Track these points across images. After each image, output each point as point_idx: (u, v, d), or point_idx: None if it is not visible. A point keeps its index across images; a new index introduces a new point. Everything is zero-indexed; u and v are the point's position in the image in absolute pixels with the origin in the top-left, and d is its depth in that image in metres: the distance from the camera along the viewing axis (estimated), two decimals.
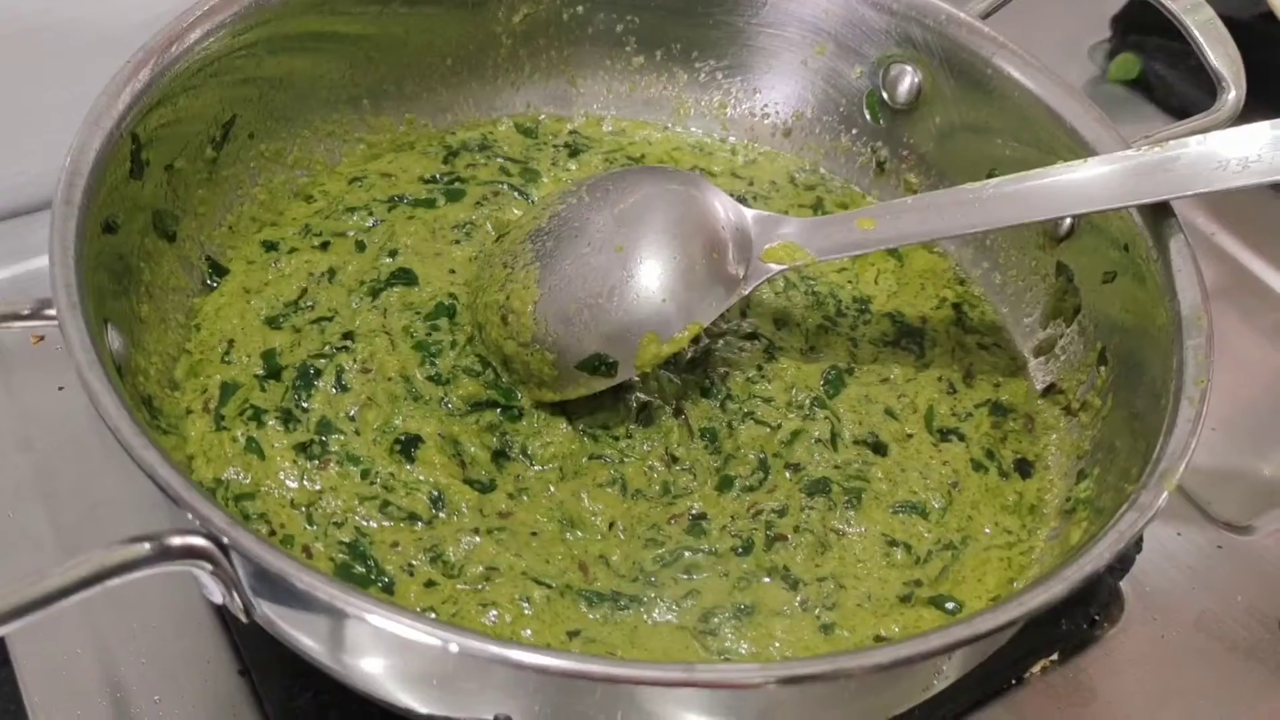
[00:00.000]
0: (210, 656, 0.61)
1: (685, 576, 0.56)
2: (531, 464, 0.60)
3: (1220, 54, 0.68)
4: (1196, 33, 0.69)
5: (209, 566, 0.44)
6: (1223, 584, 0.72)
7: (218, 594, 0.46)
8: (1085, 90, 1.04)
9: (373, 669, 0.48)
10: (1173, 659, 0.67)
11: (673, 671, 0.43)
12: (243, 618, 0.47)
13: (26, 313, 0.50)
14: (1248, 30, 1.00)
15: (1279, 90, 0.98)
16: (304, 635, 0.47)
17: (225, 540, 0.43)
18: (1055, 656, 0.66)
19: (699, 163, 0.78)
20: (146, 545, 0.43)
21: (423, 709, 0.49)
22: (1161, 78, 1.04)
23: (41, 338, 0.74)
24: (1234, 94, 0.67)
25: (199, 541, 0.44)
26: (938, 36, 0.71)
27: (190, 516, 0.43)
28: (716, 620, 0.55)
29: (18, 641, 0.61)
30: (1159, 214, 0.60)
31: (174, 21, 0.60)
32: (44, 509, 0.67)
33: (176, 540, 0.43)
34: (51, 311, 0.49)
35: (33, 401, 0.71)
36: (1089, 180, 0.60)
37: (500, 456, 0.60)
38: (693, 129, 0.79)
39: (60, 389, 0.72)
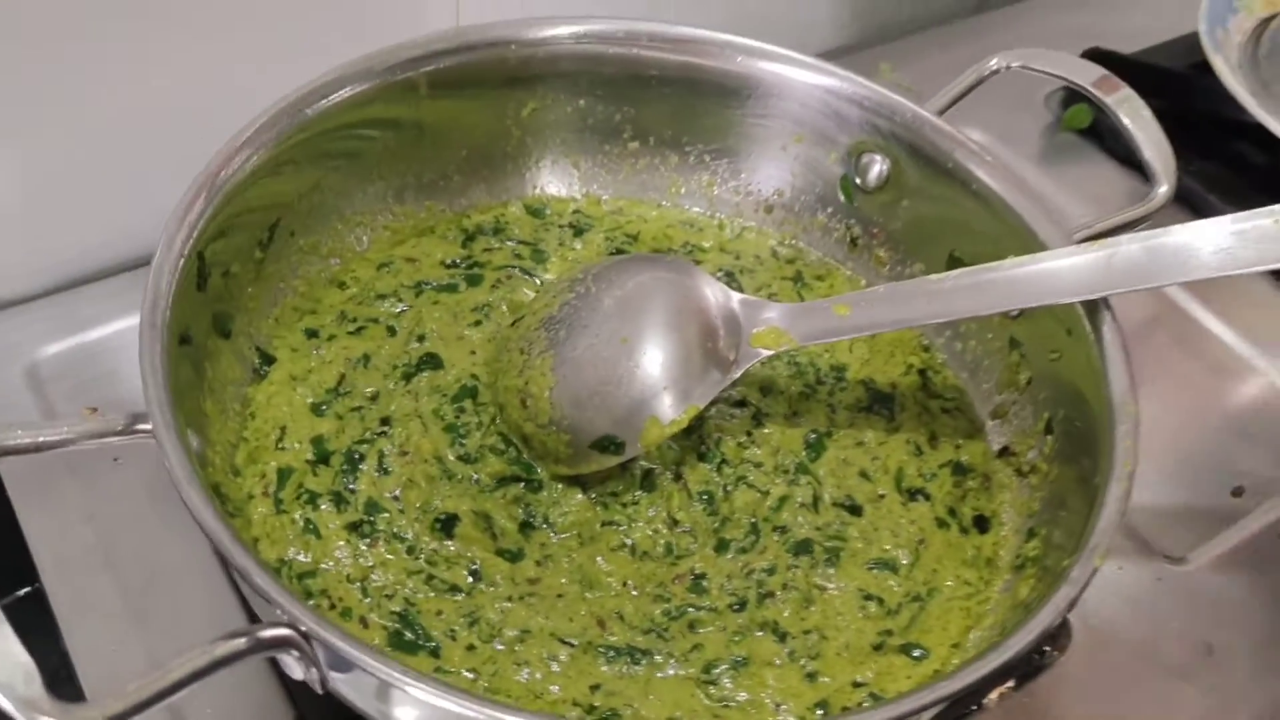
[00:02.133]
0: (269, 706, 0.68)
1: (689, 630, 0.64)
2: (554, 532, 0.67)
3: (1152, 148, 0.75)
4: (1130, 125, 0.76)
5: (295, 653, 0.52)
6: (1160, 613, 0.77)
7: (299, 672, 0.54)
8: (1040, 138, 1.12)
9: None
10: (1115, 683, 0.74)
11: None
12: (318, 689, 0.55)
13: (120, 429, 0.57)
14: (1181, 80, 1.09)
15: (1210, 138, 1.07)
16: (370, 703, 0.55)
17: (305, 630, 0.52)
18: (1011, 684, 0.72)
19: (690, 238, 0.85)
20: (243, 640, 0.50)
21: None
22: (1112, 128, 1.08)
23: (95, 409, 0.82)
24: (1165, 188, 0.74)
25: (286, 633, 0.51)
26: (904, 130, 0.78)
27: (279, 613, 0.52)
28: (717, 671, 0.63)
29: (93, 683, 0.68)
30: (1095, 305, 0.67)
31: (225, 146, 0.67)
32: (110, 577, 0.72)
33: (267, 633, 0.51)
34: (144, 426, 0.57)
35: (90, 473, 0.77)
36: (1039, 275, 0.67)
37: (526, 527, 0.67)
38: (683, 205, 0.87)
39: (116, 460, 0.78)
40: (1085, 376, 0.68)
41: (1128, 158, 1.06)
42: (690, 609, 0.65)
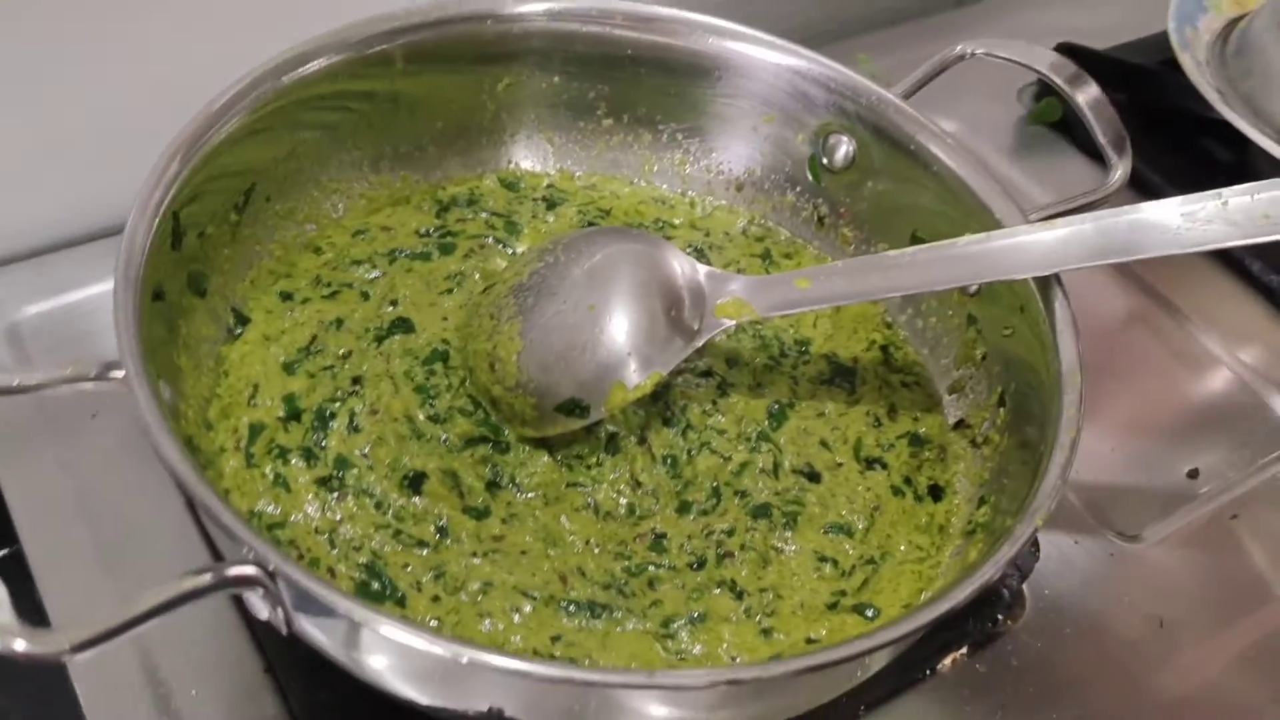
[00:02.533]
0: (239, 655, 0.70)
1: (649, 588, 0.66)
2: (520, 492, 0.69)
3: (1107, 132, 0.78)
4: (1087, 111, 0.79)
5: (260, 590, 0.54)
6: (1113, 587, 0.79)
7: (264, 612, 0.55)
8: (1012, 130, 1.15)
9: (389, 671, 0.57)
10: (1067, 652, 0.75)
11: (637, 677, 0.53)
12: (283, 630, 0.56)
13: (93, 375, 0.59)
14: (1151, 76, 1.12)
15: (1177, 133, 1.10)
16: (334, 644, 0.57)
17: (273, 569, 0.53)
18: (965, 651, 0.75)
19: (661, 214, 0.87)
20: (209, 575, 0.52)
21: (428, 702, 0.59)
22: (1079, 122, 1.13)
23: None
24: (1120, 172, 0.76)
25: (252, 571, 0.52)
26: (869, 113, 0.81)
27: (245, 550, 0.53)
28: (675, 626, 0.64)
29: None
30: (1048, 282, 0.70)
31: (202, 110, 0.69)
32: (87, 528, 0.74)
33: (233, 571, 0.52)
34: (116, 374, 0.58)
35: (68, 429, 0.79)
36: (994, 251, 0.69)
37: (493, 486, 0.69)
38: (656, 183, 0.89)
39: (93, 416, 0.80)
40: (1036, 351, 0.70)
41: (1096, 150, 1.11)
42: (650, 566, 0.67)
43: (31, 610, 0.71)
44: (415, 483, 0.68)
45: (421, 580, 0.64)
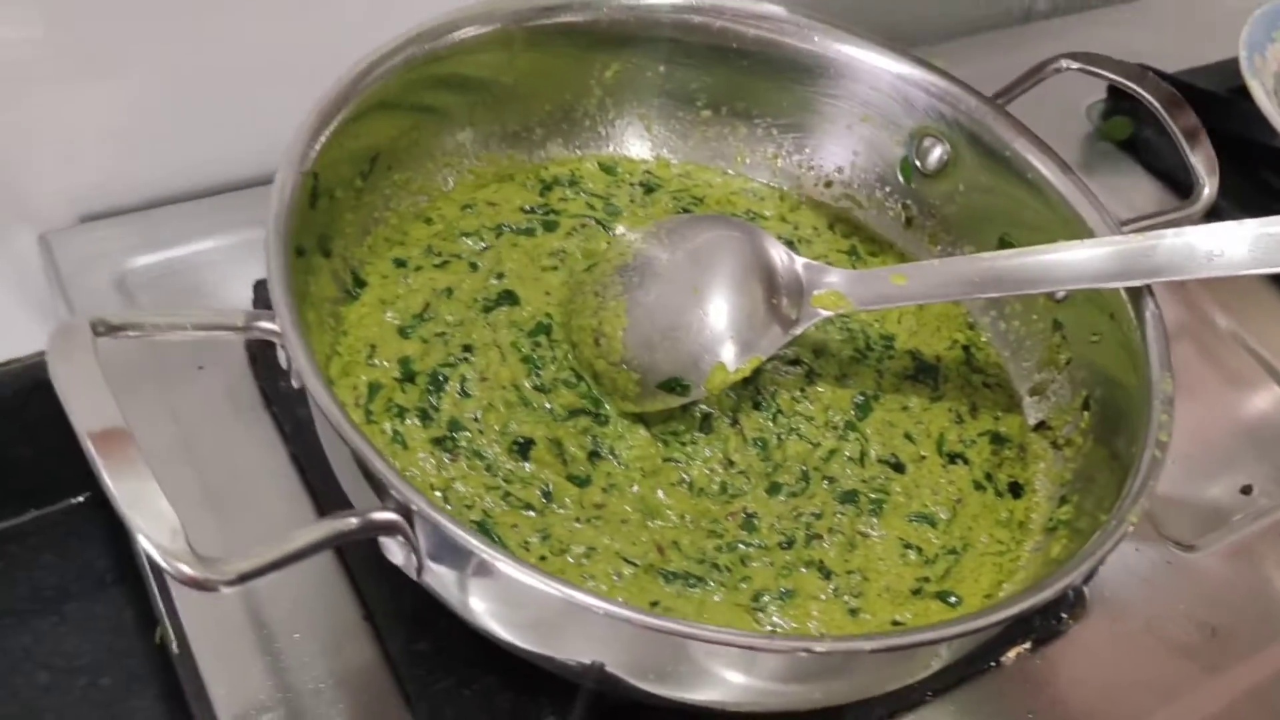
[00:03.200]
0: (338, 603, 0.73)
1: (741, 564, 0.69)
2: (619, 463, 0.72)
3: (1199, 154, 0.80)
4: (1179, 132, 0.81)
5: (400, 537, 0.57)
6: (1169, 594, 0.82)
7: (399, 557, 0.59)
8: (1079, 145, 1.17)
9: (505, 617, 0.60)
10: (1123, 654, 0.78)
11: (742, 637, 0.56)
12: (414, 575, 0.59)
13: (241, 324, 0.62)
14: (1223, 103, 1.14)
15: (1244, 161, 1.12)
16: (458, 589, 0.59)
17: (416, 509, 0.55)
18: (1028, 645, 0.77)
19: (752, 206, 0.90)
20: (355, 520, 0.55)
21: (537, 649, 0.61)
22: (1148, 142, 1.15)
23: None
24: (1208, 191, 0.79)
25: (395, 517, 0.55)
26: (966, 119, 0.82)
27: (393, 493, 0.55)
28: (765, 600, 0.67)
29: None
30: (1141, 292, 0.72)
31: (346, 74, 0.71)
32: (193, 472, 0.77)
33: (378, 516, 0.55)
34: (263, 324, 0.62)
35: (176, 379, 0.82)
36: (1083, 260, 0.71)
37: (594, 456, 0.71)
38: (748, 174, 0.91)
39: (200, 368, 0.83)
40: (1124, 358, 0.73)
41: (1163, 171, 1.15)
42: (741, 545, 0.70)
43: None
44: (524, 449, 0.70)
45: (529, 540, 0.67)
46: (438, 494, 0.68)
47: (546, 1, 0.81)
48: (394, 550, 0.59)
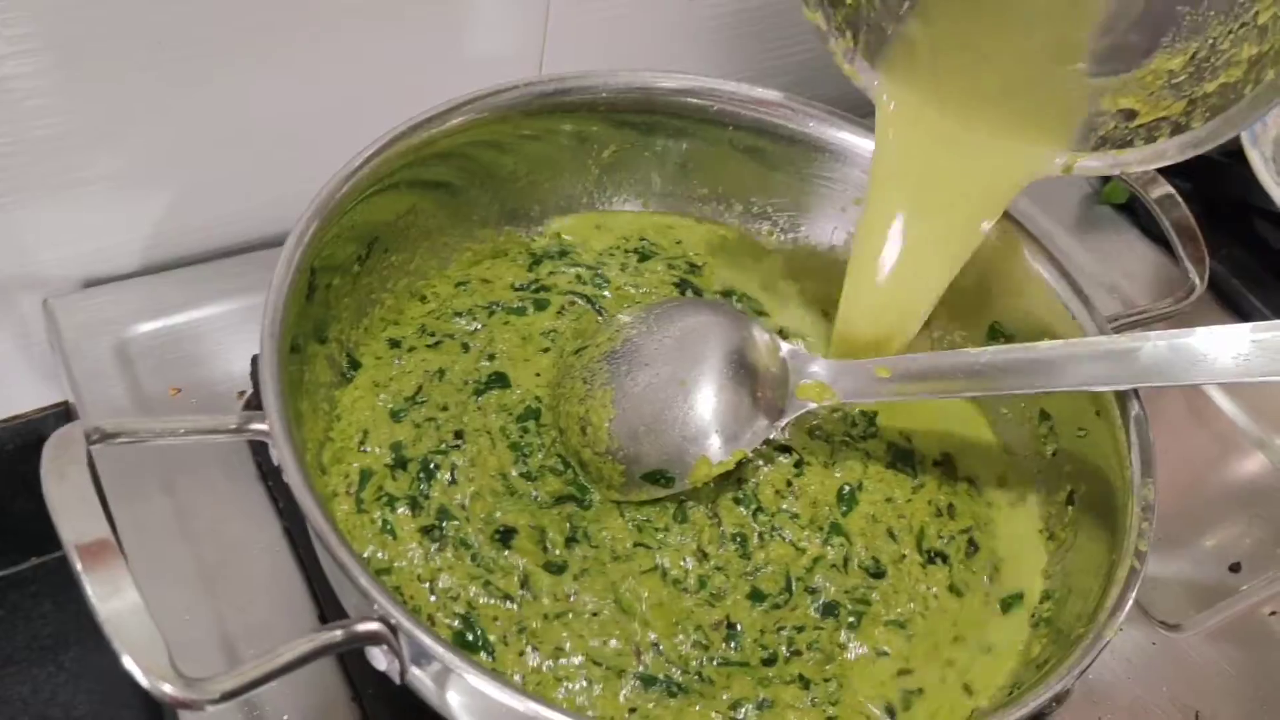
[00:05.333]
0: (329, 685, 0.73)
1: (723, 677, 0.68)
2: (590, 545, 0.71)
3: (1189, 249, 0.80)
4: (1167, 223, 0.81)
5: (384, 646, 0.58)
6: (1153, 677, 0.81)
7: (382, 663, 0.59)
8: (1078, 207, 1.17)
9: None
10: None
11: None
12: (397, 680, 0.59)
13: (234, 427, 0.62)
14: (1219, 168, 1.14)
15: (1239, 224, 1.12)
16: (443, 697, 0.60)
17: (395, 624, 0.57)
18: None
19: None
20: (340, 632, 0.55)
21: None
22: (1145, 207, 1.11)
23: (179, 390, 0.88)
24: (1199, 288, 0.79)
25: (378, 627, 0.56)
26: None
27: (375, 607, 0.57)
28: (744, 710, 0.67)
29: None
30: (1127, 392, 0.71)
31: (341, 170, 0.71)
32: (186, 548, 0.77)
33: (362, 627, 0.56)
34: (256, 426, 0.62)
35: (171, 448, 0.81)
36: (1072, 361, 0.70)
37: (571, 541, 0.71)
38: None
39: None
40: (1109, 456, 0.72)
41: (1159, 236, 1.13)
42: (724, 662, 0.69)
43: None
44: (506, 536, 0.70)
45: (508, 635, 0.67)
46: (424, 585, 0.68)
47: (546, 86, 0.81)
48: (378, 657, 0.59)
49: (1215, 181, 1.14)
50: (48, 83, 0.79)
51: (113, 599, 0.52)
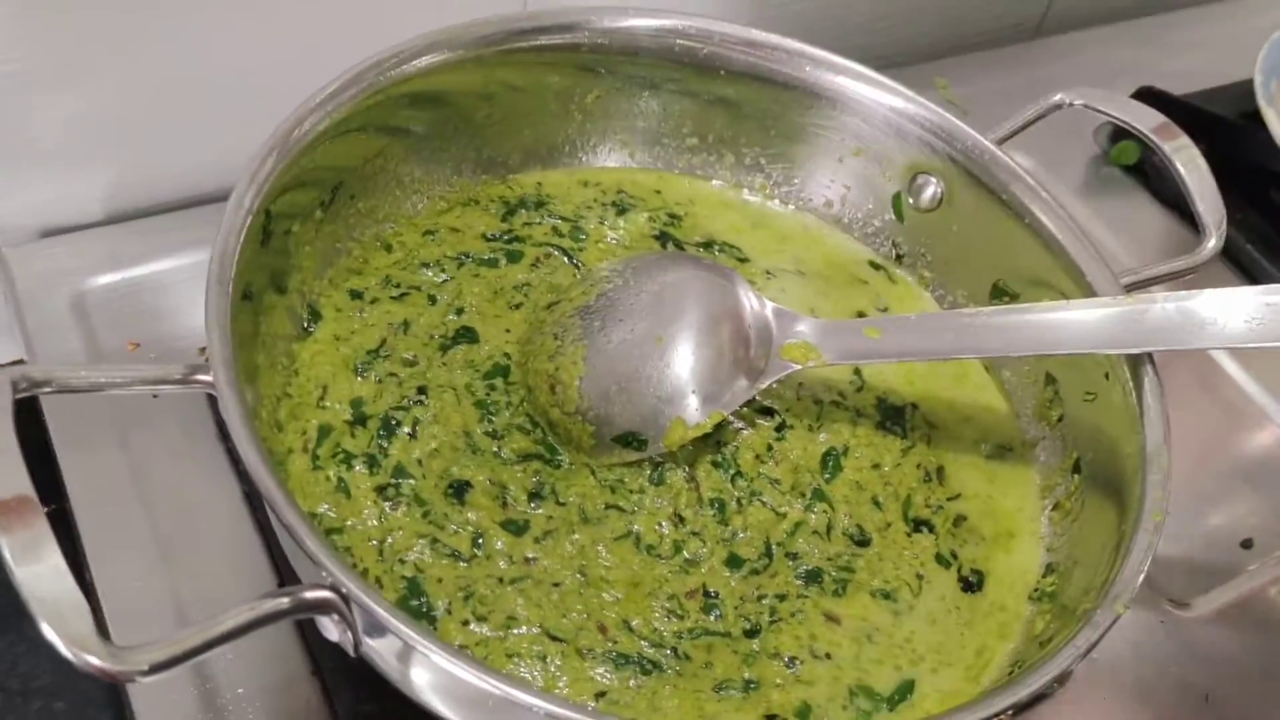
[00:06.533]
0: (288, 657, 0.68)
1: (703, 652, 0.64)
2: (557, 502, 0.67)
3: (1204, 201, 0.75)
4: (1185, 175, 0.76)
5: (334, 616, 0.53)
6: (1161, 658, 0.77)
7: (335, 634, 0.54)
8: (1085, 169, 1.11)
9: (446, 697, 0.56)
10: None
11: None
12: (351, 652, 0.55)
13: (178, 378, 0.57)
14: (1234, 129, 1.09)
15: (1253, 187, 1.07)
16: (400, 669, 0.55)
17: (346, 593, 0.52)
18: (1010, 711, 0.74)
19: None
20: (286, 599, 0.51)
21: None
22: (1157, 169, 1.08)
23: (138, 344, 0.83)
24: (1213, 243, 0.74)
25: (328, 595, 0.51)
26: (962, 157, 0.78)
27: (324, 574, 0.52)
28: (726, 692, 0.62)
29: (118, 632, 0.68)
30: (1138, 355, 0.67)
31: (299, 108, 0.66)
32: (140, 510, 0.73)
33: (310, 595, 0.51)
34: (201, 378, 0.58)
35: (130, 407, 0.77)
36: (1073, 323, 0.66)
37: (535, 497, 0.67)
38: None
39: (155, 397, 0.77)
40: (1119, 422, 0.68)
41: (1171, 199, 1.08)
42: (705, 633, 0.65)
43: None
44: (460, 490, 0.66)
45: (453, 600, 0.62)
46: (374, 546, 0.64)
47: (524, 24, 0.76)
48: (329, 627, 0.55)
49: (1231, 144, 1.09)
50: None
51: (32, 561, 0.48)
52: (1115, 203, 1.10)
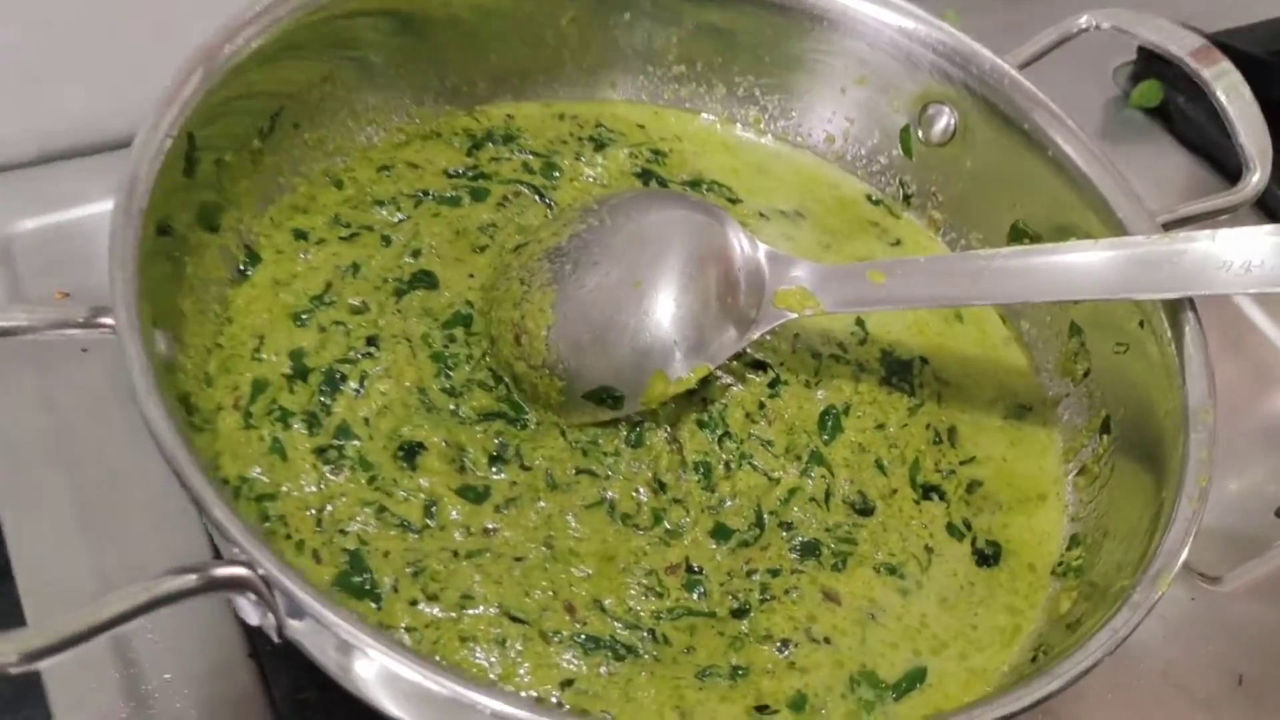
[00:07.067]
0: (222, 639, 0.63)
1: (684, 634, 0.57)
2: (523, 466, 0.60)
3: (1250, 132, 0.68)
4: (1228, 106, 0.70)
5: (252, 596, 0.46)
6: (1191, 635, 0.72)
7: (254, 617, 0.47)
8: (1103, 112, 1.06)
9: (378, 689, 0.50)
10: (1137, 706, 0.69)
11: None
12: (274, 637, 0.48)
13: (81, 321, 0.50)
14: (1266, 68, 1.02)
15: None
16: (331, 658, 0.49)
17: (264, 574, 0.45)
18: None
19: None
20: (194, 576, 0.45)
21: None
22: (1182, 110, 1.04)
23: (67, 294, 0.75)
24: (1258, 175, 0.68)
25: (244, 573, 0.45)
26: (978, 84, 0.72)
27: (236, 551, 0.45)
28: (711, 679, 0.56)
29: (34, 610, 0.62)
30: (1178, 300, 0.61)
31: (228, 22, 0.60)
32: (65, 473, 0.67)
33: (223, 571, 0.45)
34: (106, 320, 0.50)
35: (56, 361, 0.71)
36: (1095, 265, 0.60)
37: (497, 460, 0.60)
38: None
39: (84, 350, 0.71)
40: (1155, 375, 0.62)
41: (1196, 143, 1.04)
42: (686, 613, 0.58)
43: None
44: (411, 454, 0.60)
45: (400, 577, 0.56)
46: (311, 515, 0.57)
47: None
48: (247, 609, 0.47)
49: (1261, 83, 1.02)
50: None
51: None
52: (1136, 148, 1.05)
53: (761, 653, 0.57)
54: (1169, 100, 1.05)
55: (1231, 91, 0.71)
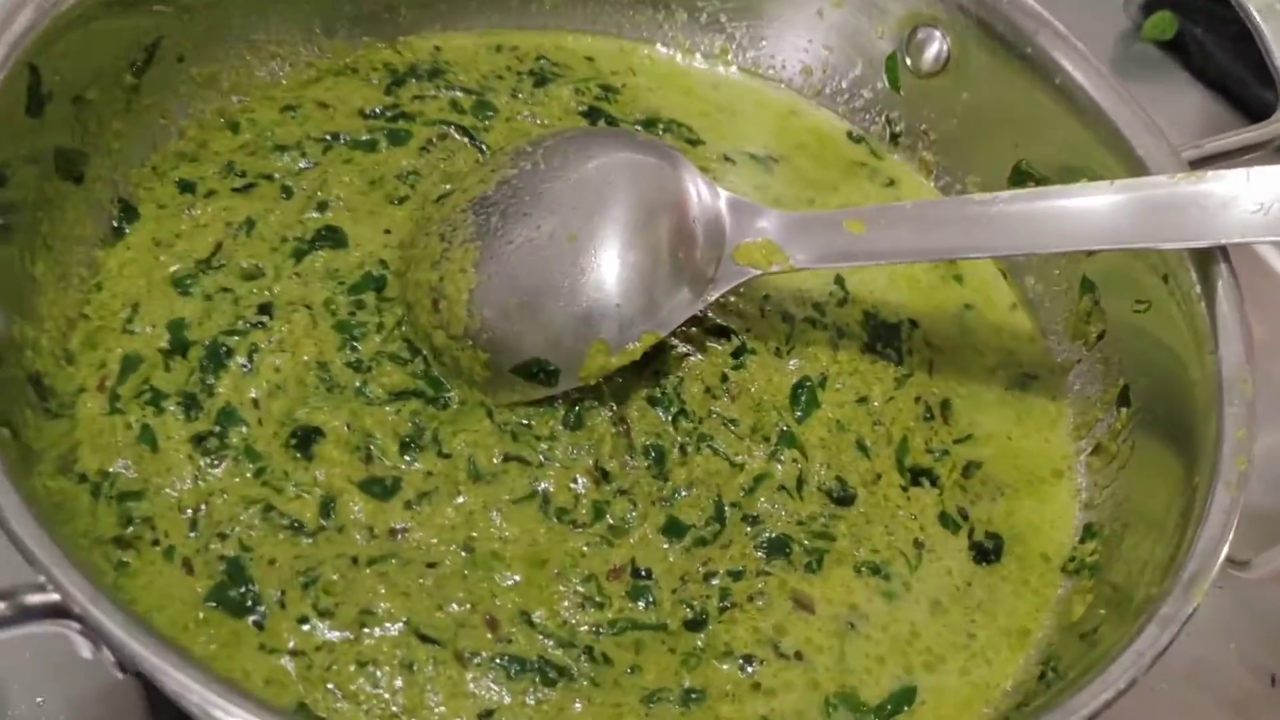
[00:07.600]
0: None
1: (629, 652, 0.51)
2: (440, 456, 0.54)
3: None
4: (1260, 22, 0.65)
5: (76, 626, 0.40)
6: (1219, 628, 0.68)
7: (86, 650, 0.41)
8: (1113, 45, 1.02)
9: None
10: (1162, 713, 0.65)
11: None
12: (117, 674, 0.42)
13: None
14: None
15: None
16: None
17: (80, 614, 0.39)
18: None
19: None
20: (2, 604, 0.39)
21: None
22: (1200, 43, 1.00)
23: None
24: None
25: (59, 600, 0.39)
26: (974, 3, 0.66)
27: (47, 586, 0.38)
28: (660, 705, 0.50)
29: None
30: (1208, 250, 0.55)
31: None
32: None
33: (36, 599, 0.39)
34: None
35: None
36: (1110, 210, 0.55)
37: (410, 447, 0.54)
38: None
39: None
40: (1182, 339, 0.58)
41: (1214, 78, 0.98)
42: (632, 627, 0.52)
43: None
44: (305, 441, 0.53)
45: (287, 590, 0.50)
46: (185, 516, 0.51)
47: None
48: (78, 642, 0.40)
49: None
50: None
51: None
52: (1150, 85, 1.01)
53: (720, 672, 0.52)
54: (1184, 32, 1.01)
55: (1266, 10, 0.65)
